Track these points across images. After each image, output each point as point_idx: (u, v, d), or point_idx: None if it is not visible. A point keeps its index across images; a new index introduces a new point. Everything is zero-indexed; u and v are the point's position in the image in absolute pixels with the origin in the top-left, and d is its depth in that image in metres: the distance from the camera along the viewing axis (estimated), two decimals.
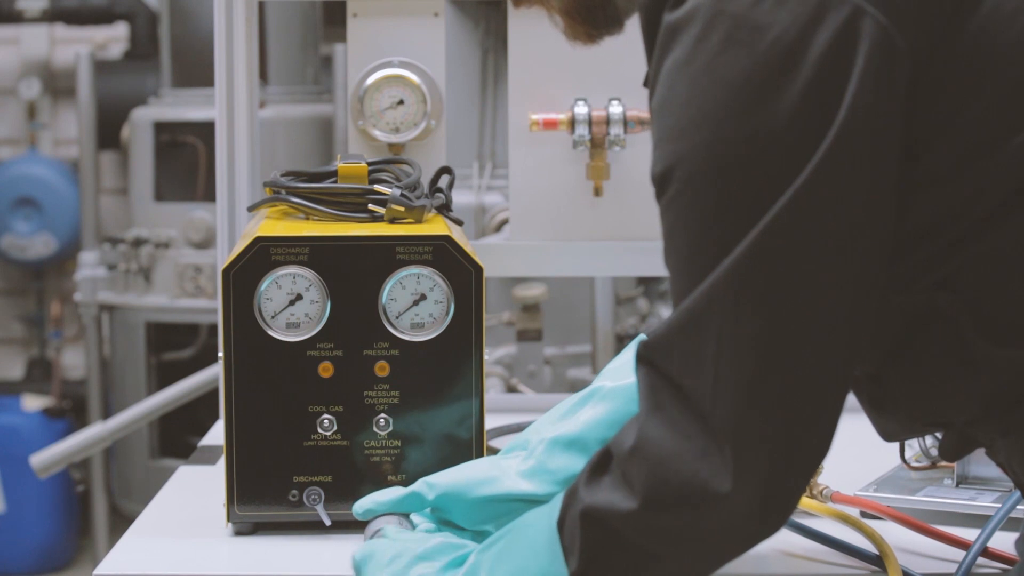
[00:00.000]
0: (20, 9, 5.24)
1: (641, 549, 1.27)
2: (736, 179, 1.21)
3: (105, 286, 4.78)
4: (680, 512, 1.24)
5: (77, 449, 3.29)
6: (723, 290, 1.21)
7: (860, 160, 1.20)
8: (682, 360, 1.24)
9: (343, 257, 1.69)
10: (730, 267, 1.21)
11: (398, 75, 2.29)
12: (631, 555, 1.27)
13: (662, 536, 1.26)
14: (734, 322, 1.21)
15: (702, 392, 1.23)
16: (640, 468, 1.25)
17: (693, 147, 1.22)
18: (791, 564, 1.64)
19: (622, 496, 1.26)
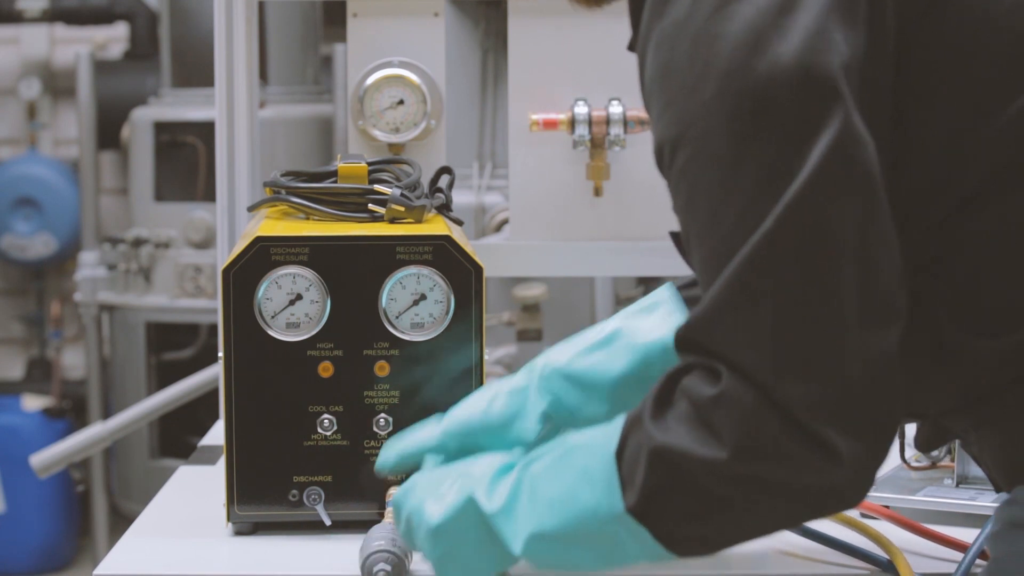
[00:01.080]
0: (20, 9, 5.24)
1: (712, 495, 1.23)
2: (751, 129, 1.18)
3: (105, 286, 4.78)
4: (778, 463, 1.20)
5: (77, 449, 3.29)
6: (766, 259, 1.18)
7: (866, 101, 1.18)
8: (738, 335, 1.20)
9: (343, 257, 1.69)
10: (768, 233, 1.17)
11: (398, 75, 2.29)
12: (700, 499, 1.24)
13: (745, 486, 1.22)
14: (780, 287, 1.18)
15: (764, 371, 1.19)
16: (730, 417, 1.20)
17: (703, 104, 1.20)
18: (791, 564, 1.64)
19: (706, 443, 1.21)
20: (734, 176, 1.19)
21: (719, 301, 1.20)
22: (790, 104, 1.17)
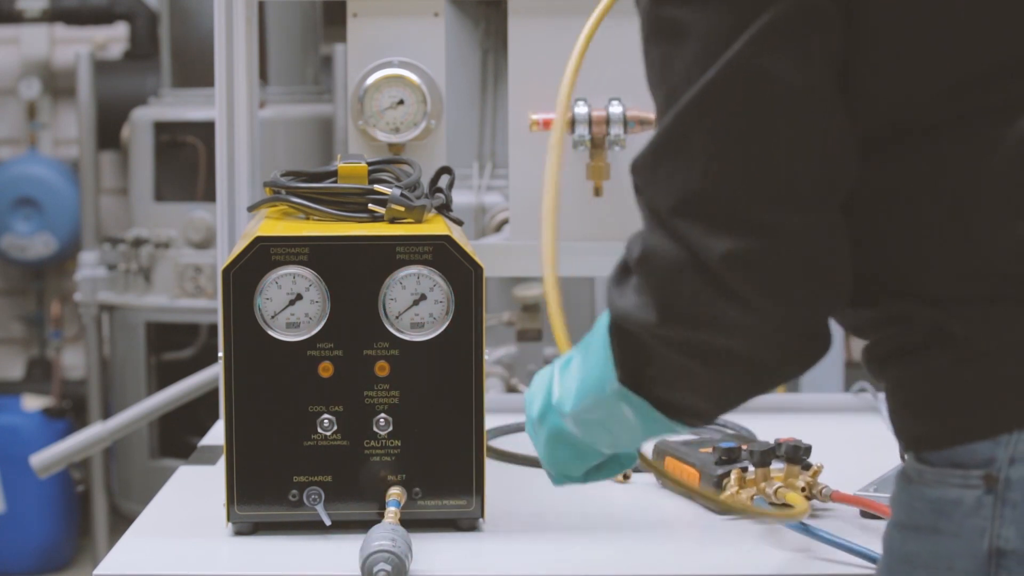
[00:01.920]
0: (20, 9, 5.24)
1: (665, 360, 1.28)
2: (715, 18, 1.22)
3: (105, 286, 4.78)
4: (698, 325, 1.24)
5: (77, 449, 3.29)
6: (701, 110, 1.22)
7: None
8: (667, 180, 1.25)
9: (343, 257, 1.69)
10: (706, 84, 1.22)
11: (398, 75, 2.29)
12: (659, 365, 1.29)
13: (681, 349, 1.26)
14: (718, 138, 1.22)
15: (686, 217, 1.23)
16: (651, 278, 1.26)
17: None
18: (791, 564, 1.64)
19: (642, 305, 1.27)
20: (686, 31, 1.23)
21: (656, 145, 1.25)
22: None
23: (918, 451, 1.28)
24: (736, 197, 1.22)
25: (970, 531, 1.22)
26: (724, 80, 1.21)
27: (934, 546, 1.24)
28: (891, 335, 1.28)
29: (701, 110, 1.23)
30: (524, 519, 1.77)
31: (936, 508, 1.24)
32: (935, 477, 1.25)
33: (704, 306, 1.23)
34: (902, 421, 1.31)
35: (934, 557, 1.24)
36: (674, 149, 1.24)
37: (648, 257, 1.26)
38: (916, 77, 1.25)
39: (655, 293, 1.26)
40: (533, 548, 1.69)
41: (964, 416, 1.24)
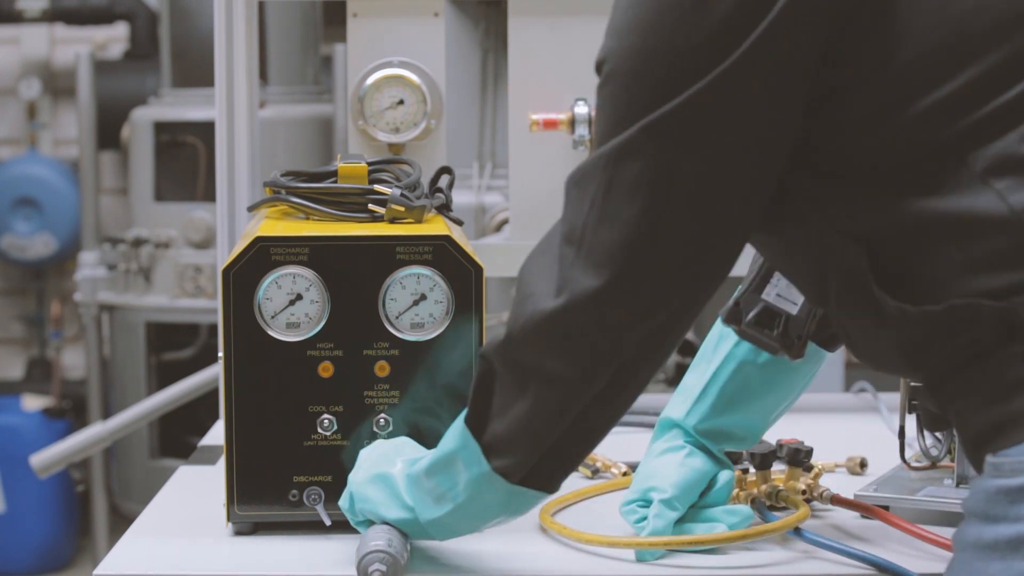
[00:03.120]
0: (20, 9, 5.24)
1: (508, 383, 1.44)
2: (646, 86, 1.34)
3: (105, 286, 4.78)
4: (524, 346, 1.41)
5: (77, 449, 3.29)
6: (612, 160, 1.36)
7: (753, 90, 1.31)
8: (569, 211, 1.40)
9: (343, 257, 1.69)
10: (623, 141, 1.35)
11: (398, 75, 2.29)
12: (502, 388, 1.45)
13: (517, 369, 1.43)
14: (607, 191, 1.36)
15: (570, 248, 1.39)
16: (513, 301, 1.43)
17: (621, 49, 1.36)
18: (791, 564, 1.64)
19: (503, 331, 1.44)
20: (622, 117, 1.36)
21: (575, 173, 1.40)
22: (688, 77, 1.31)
23: (996, 449, 1.27)
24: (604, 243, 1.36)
25: None
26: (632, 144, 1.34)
27: (1016, 533, 1.23)
28: (961, 344, 1.29)
29: (612, 158, 1.36)
30: (524, 519, 1.76)
31: (1016, 496, 1.24)
32: (1013, 467, 1.25)
33: (551, 330, 1.39)
34: (977, 423, 1.30)
35: (1016, 544, 1.23)
36: (584, 182, 1.39)
37: (520, 279, 1.43)
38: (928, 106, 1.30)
39: (516, 308, 1.42)
40: (533, 548, 1.69)
41: None
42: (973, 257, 1.27)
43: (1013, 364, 1.26)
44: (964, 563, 1.28)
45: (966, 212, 1.28)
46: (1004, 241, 1.26)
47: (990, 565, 1.25)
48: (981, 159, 1.28)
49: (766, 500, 1.76)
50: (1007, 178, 1.27)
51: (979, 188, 1.27)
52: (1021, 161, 1.27)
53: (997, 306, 1.26)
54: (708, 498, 1.71)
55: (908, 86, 1.30)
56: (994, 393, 1.28)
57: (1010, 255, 1.26)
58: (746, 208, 1.36)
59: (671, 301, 1.39)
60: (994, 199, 1.26)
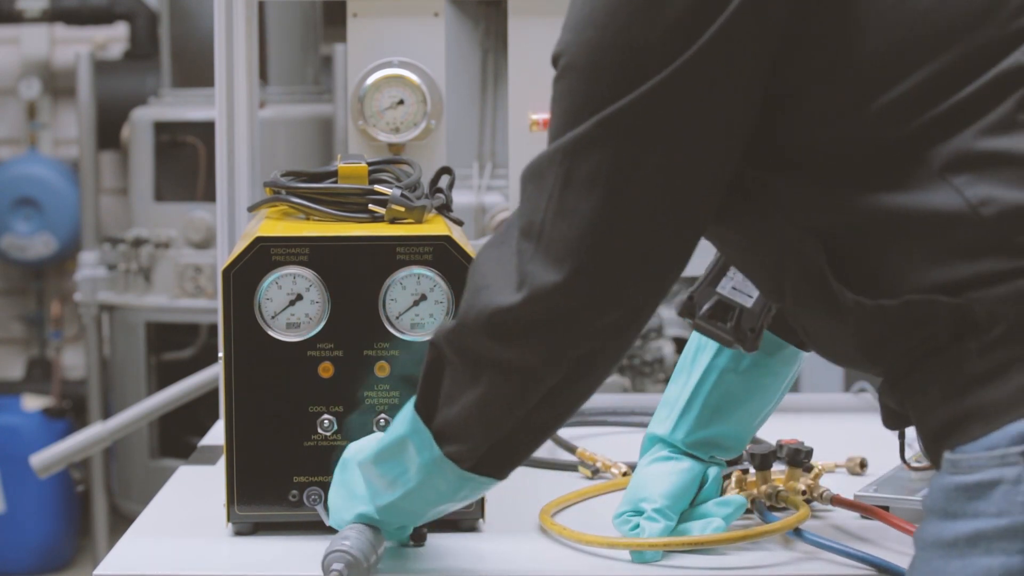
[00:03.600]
0: (20, 9, 5.24)
1: (459, 371, 1.44)
2: (602, 80, 1.34)
3: (105, 286, 4.78)
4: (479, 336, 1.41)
5: (77, 449, 3.29)
6: (567, 155, 1.36)
7: (707, 88, 1.31)
8: (526, 205, 1.40)
9: (343, 257, 1.69)
10: (577, 136, 1.35)
11: (398, 75, 2.29)
12: (452, 377, 1.45)
13: (470, 357, 1.43)
14: (562, 185, 1.36)
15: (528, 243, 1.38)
16: (465, 291, 1.44)
17: (578, 42, 1.37)
18: (791, 564, 1.64)
19: (449, 317, 1.43)
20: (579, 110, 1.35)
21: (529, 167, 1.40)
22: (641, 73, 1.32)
23: (953, 445, 1.27)
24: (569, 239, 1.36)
25: (1011, 508, 1.22)
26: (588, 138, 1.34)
27: (974, 530, 1.23)
28: (918, 340, 1.29)
29: (567, 152, 1.36)
30: (524, 519, 1.77)
31: (974, 493, 1.24)
32: (970, 464, 1.25)
33: (511, 323, 1.39)
34: (934, 419, 1.30)
35: (974, 540, 1.23)
36: (539, 176, 1.38)
37: (473, 268, 1.44)
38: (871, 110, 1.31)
39: (463, 301, 1.43)
40: (533, 548, 1.69)
41: (998, 398, 1.24)
42: (930, 252, 1.28)
43: (968, 360, 1.26)
44: (925, 562, 1.28)
45: (924, 207, 1.28)
46: (960, 236, 1.26)
47: (950, 563, 1.25)
48: (939, 155, 1.28)
49: (766, 500, 1.76)
50: (964, 174, 1.27)
51: (937, 184, 1.28)
52: (978, 157, 1.27)
53: (953, 302, 1.26)
54: (700, 495, 1.71)
55: (866, 83, 1.31)
56: (950, 389, 1.28)
57: (966, 250, 1.26)
58: (702, 201, 1.37)
59: (629, 295, 1.39)
60: (952, 195, 1.27)
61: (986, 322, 1.25)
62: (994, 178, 1.26)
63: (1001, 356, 1.25)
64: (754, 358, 1.72)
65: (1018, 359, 1.24)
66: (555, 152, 1.37)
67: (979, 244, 1.26)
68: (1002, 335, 1.25)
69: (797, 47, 1.32)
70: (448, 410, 1.46)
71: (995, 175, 1.26)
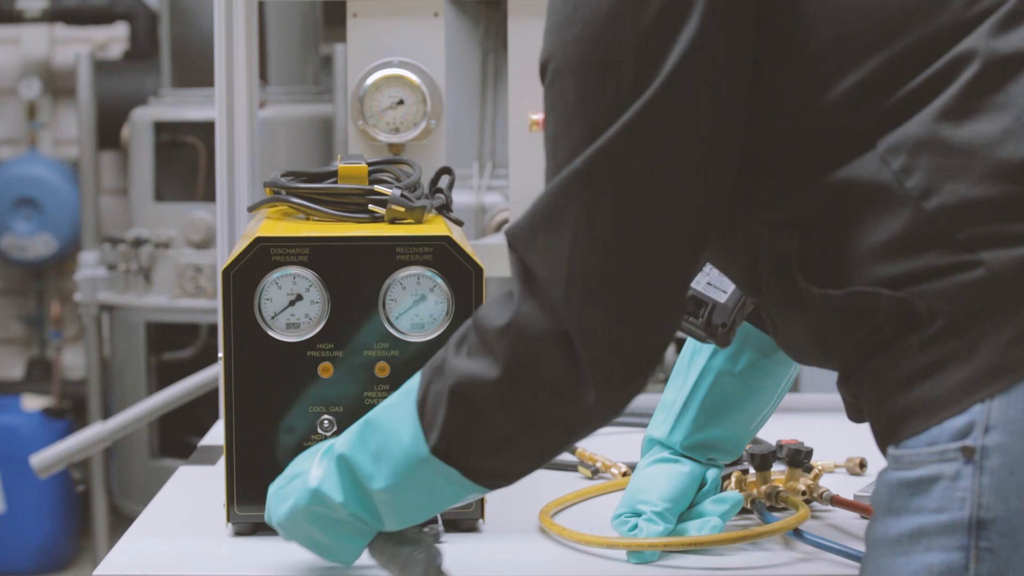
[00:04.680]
0: (20, 9, 5.24)
1: (504, 423, 1.39)
2: (598, 79, 1.30)
3: (105, 286, 4.78)
4: (542, 395, 1.36)
5: (77, 449, 3.29)
6: (579, 188, 1.31)
7: (707, 73, 1.29)
8: (542, 254, 1.34)
9: (343, 257, 1.69)
10: (585, 164, 1.30)
11: (398, 75, 2.29)
12: (492, 429, 1.40)
13: (524, 411, 1.38)
14: (587, 220, 1.31)
15: (557, 291, 1.33)
16: (514, 346, 1.36)
17: (564, 43, 1.33)
18: (791, 565, 1.64)
19: (486, 365, 1.37)
20: (575, 113, 1.32)
21: (533, 214, 1.34)
22: (633, 68, 1.29)
23: (897, 440, 1.27)
24: (599, 272, 1.32)
25: (950, 504, 1.21)
26: (596, 162, 1.30)
27: (916, 526, 1.23)
28: (864, 333, 1.29)
29: (574, 186, 1.31)
30: (524, 519, 1.77)
31: (915, 488, 1.24)
32: (912, 459, 1.24)
33: (556, 376, 1.35)
34: (881, 414, 1.30)
35: (916, 537, 1.23)
36: (551, 219, 1.33)
37: (516, 324, 1.35)
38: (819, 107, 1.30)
39: (514, 359, 1.36)
40: (533, 548, 1.69)
41: (938, 393, 1.24)
42: (873, 243, 1.27)
43: (910, 355, 1.26)
44: (872, 560, 1.28)
45: (868, 196, 1.27)
46: (903, 229, 1.25)
47: (895, 560, 1.24)
48: (884, 143, 1.27)
49: (766, 501, 1.76)
50: (905, 161, 1.26)
51: (880, 172, 1.27)
52: (920, 144, 1.26)
53: (894, 295, 1.25)
54: (698, 498, 1.71)
55: (820, 73, 1.29)
56: (894, 384, 1.27)
57: (908, 243, 1.25)
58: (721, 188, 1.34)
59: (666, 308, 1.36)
60: (892, 183, 1.26)
61: (926, 317, 1.24)
62: (935, 167, 1.24)
63: (940, 351, 1.24)
64: (750, 360, 1.71)
65: (956, 354, 1.23)
66: (568, 188, 1.32)
67: (920, 238, 1.24)
68: (941, 330, 1.24)
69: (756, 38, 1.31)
70: (485, 457, 1.43)
71: (937, 164, 1.24)
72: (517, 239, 1.36)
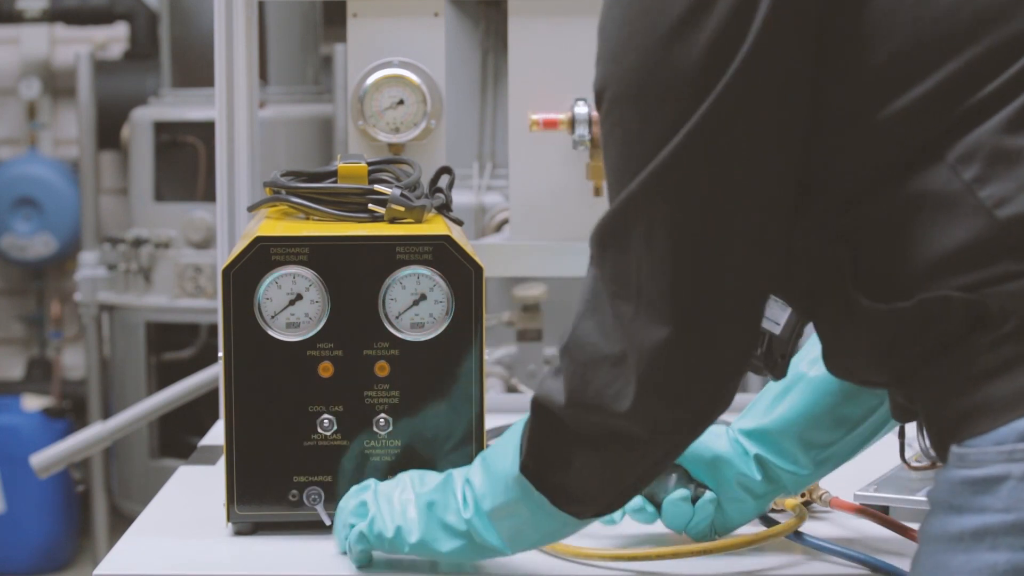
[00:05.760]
0: (20, 9, 5.24)
1: (575, 440, 1.43)
2: (655, 103, 1.31)
3: (105, 286, 4.78)
4: (594, 414, 1.39)
5: (77, 449, 3.29)
6: (640, 206, 1.32)
7: (761, 94, 1.29)
8: (612, 269, 1.36)
9: (343, 257, 1.69)
10: (642, 186, 1.32)
11: (398, 75, 2.29)
12: (566, 445, 1.44)
13: (590, 430, 1.41)
14: (648, 240, 1.32)
15: (627, 306, 1.34)
16: (568, 366, 1.40)
17: (621, 71, 1.33)
18: (792, 567, 1.64)
19: (559, 389, 1.41)
20: (635, 140, 1.33)
21: (603, 227, 1.36)
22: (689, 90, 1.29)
23: (961, 439, 1.26)
24: (663, 292, 1.32)
25: (1019, 504, 1.21)
26: (659, 177, 1.31)
27: (980, 525, 1.23)
28: (931, 339, 1.28)
29: (640, 203, 1.32)
30: None
31: (980, 487, 1.23)
32: (977, 458, 1.23)
33: (605, 396, 1.37)
34: (943, 414, 1.29)
35: (979, 535, 1.22)
36: (619, 235, 1.35)
37: (570, 345, 1.39)
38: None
39: (570, 380, 1.40)
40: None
41: (1006, 393, 1.23)
42: (940, 252, 1.26)
43: (979, 354, 1.25)
44: (928, 555, 1.27)
45: (934, 206, 1.27)
46: (971, 236, 1.25)
47: (954, 557, 1.24)
48: (954, 151, 1.26)
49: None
50: (977, 171, 1.25)
51: (951, 182, 1.26)
52: (992, 153, 1.25)
53: (966, 297, 1.25)
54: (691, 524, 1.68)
55: (883, 87, 1.28)
56: (960, 384, 1.27)
57: (978, 250, 1.25)
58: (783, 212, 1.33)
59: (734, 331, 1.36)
60: (964, 192, 1.25)
61: (999, 317, 1.24)
62: (1009, 177, 1.24)
63: (1011, 351, 1.24)
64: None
65: None
66: (629, 206, 1.33)
67: (994, 247, 1.24)
68: (1013, 330, 1.24)
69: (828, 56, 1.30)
70: (563, 475, 1.46)
71: (1010, 173, 1.24)
72: (594, 249, 1.38)
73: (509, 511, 1.50)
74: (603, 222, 1.36)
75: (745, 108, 1.29)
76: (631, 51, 1.32)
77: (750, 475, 1.66)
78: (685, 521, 1.66)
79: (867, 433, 1.67)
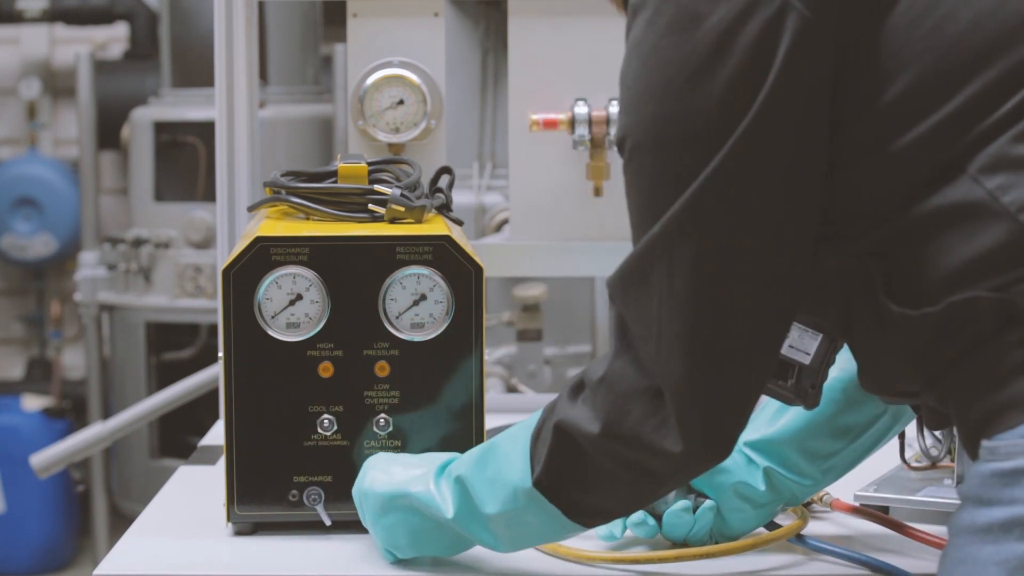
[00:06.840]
0: (20, 9, 5.24)
1: (600, 467, 1.44)
2: (673, 152, 1.34)
3: (105, 286, 4.78)
4: (631, 447, 1.40)
5: (77, 449, 3.29)
6: (662, 249, 1.35)
7: (777, 140, 1.31)
8: (635, 309, 1.38)
9: (343, 257, 1.69)
10: (664, 228, 1.34)
11: (398, 75, 2.29)
12: (590, 470, 1.45)
13: (619, 460, 1.42)
14: (668, 281, 1.35)
15: (648, 346, 1.37)
16: (606, 398, 1.41)
17: (639, 121, 1.36)
18: (793, 567, 1.64)
19: (589, 418, 1.42)
20: (657, 186, 1.35)
21: (626, 269, 1.38)
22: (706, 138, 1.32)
23: (991, 434, 1.27)
24: (682, 331, 1.35)
25: None
26: (680, 220, 1.33)
27: (1009, 516, 1.23)
28: (962, 340, 1.29)
29: (662, 246, 1.35)
30: None
31: (1010, 479, 1.24)
32: (1007, 450, 1.25)
33: (645, 430, 1.39)
34: (974, 412, 1.30)
35: (1008, 526, 1.23)
36: (640, 277, 1.37)
37: (609, 378, 1.40)
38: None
39: (606, 411, 1.41)
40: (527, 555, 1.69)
41: None
42: (965, 258, 1.28)
43: (1009, 351, 1.27)
44: (958, 547, 1.28)
45: (958, 215, 1.29)
46: (995, 241, 1.27)
47: (983, 548, 1.25)
48: (974, 165, 1.28)
49: None
50: (1000, 179, 1.27)
51: (973, 191, 1.28)
52: (1014, 161, 1.27)
53: (994, 296, 1.27)
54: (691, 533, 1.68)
55: (902, 115, 1.30)
56: (991, 381, 1.28)
57: (1003, 254, 1.27)
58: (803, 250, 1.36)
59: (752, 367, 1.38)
60: (986, 200, 1.27)
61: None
62: None
63: None
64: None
65: None
66: (651, 248, 1.35)
67: (1018, 250, 1.26)
68: None
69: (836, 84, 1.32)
70: (581, 495, 1.48)
71: None
72: (615, 292, 1.40)
73: (514, 519, 1.51)
74: (625, 264, 1.38)
75: (762, 153, 1.31)
76: (650, 101, 1.34)
77: (749, 484, 1.67)
78: (686, 531, 1.66)
79: (869, 442, 1.68)
